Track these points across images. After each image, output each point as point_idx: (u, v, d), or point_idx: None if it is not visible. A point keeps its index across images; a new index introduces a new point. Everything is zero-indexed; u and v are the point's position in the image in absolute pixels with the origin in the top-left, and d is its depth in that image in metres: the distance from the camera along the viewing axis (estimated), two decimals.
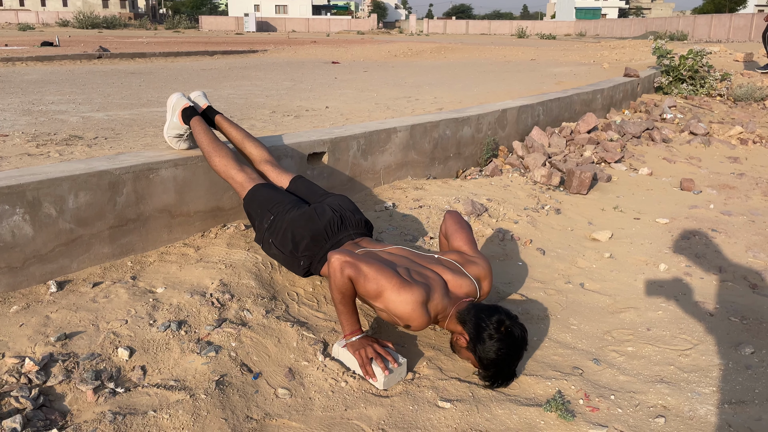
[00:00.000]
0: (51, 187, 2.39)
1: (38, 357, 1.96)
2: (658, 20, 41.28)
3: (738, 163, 5.71)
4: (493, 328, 2.07)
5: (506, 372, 2.11)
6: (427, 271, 2.27)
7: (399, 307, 2.09)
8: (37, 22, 56.84)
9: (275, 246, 2.55)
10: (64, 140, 3.69)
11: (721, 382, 2.21)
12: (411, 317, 2.10)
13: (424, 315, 2.11)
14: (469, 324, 2.12)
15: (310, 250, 2.48)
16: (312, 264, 2.51)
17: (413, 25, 58.07)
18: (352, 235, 2.53)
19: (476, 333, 2.09)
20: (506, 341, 2.06)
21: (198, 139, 2.86)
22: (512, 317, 2.13)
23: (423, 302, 2.10)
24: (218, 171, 2.79)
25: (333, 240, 2.49)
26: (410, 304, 2.08)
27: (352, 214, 2.59)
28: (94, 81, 7.66)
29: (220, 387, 1.96)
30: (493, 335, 2.06)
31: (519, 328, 2.10)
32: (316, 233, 2.47)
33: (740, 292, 2.98)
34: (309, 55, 15.89)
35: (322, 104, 5.75)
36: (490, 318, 2.09)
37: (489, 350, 2.06)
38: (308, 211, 2.54)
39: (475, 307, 2.18)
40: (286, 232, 2.51)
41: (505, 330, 2.07)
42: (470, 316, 2.14)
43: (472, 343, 2.11)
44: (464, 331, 2.14)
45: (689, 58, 9.17)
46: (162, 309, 2.29)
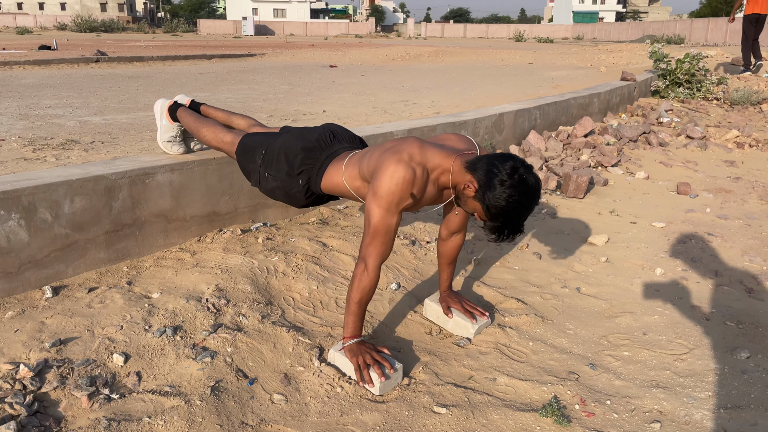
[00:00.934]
0: (46, 192, 2.38)
1: (33, 363, 1.95)
2: (656, 24, 41.39)
3: (734, 167, 5.72)
4: (506, 173, 1.92)
5: (515, 223, 1.99)
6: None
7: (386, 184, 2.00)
8: (35, 25, 56.80)
9: (272, 176, 2.44)
10: (61, 145, 3.69)
11: (717, 387, 2.21)
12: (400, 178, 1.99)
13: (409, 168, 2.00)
14: (480, 170, 1.97)
15: (305, 164, 2.37)
16: (311, 179, 2.38)
17: (411, 29, 58.16)
18: (347, 147, 2.44)
19: (487, 179, 1.94)
20: (519, 188, 1.92)
21: (185, 122, 2.88)
22: (527, 166, 1.97)
23: (397, 160, 2.00)
24: (209, 140, 2.75)
25: (328, 151, 2.39)
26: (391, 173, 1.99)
27: (344, 131, 2.54)
28: (92, 85, 7.66)
29: (215, 393, 1.95)
30: (506, 181, 1.91)
31: (533, 176, 1.96)
32: (308, 145, 2.38)
33: (736, 296, 2.98)
34: (307, 59, 15.90)
35: (320, 108, 5.75)
36: (503, 164, 1.94)
37: (499, 197, 1.92)
38: (296, 131, 2.49)
39: (486, 156, 2.02)
40: (279, 155, 2.41)
41: (519, 177, 1.92)
42: (481, 163, 1.98)
43: (481, 191, 1.96)
44: (474, 178, 1.99)
45: (686, 62, 9.19)
46: (157, 314, 2.28)
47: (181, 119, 2.92)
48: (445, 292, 2.60)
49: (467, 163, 2.04)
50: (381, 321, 2.55)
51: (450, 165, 2.07)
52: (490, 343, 2.46)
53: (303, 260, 2.86)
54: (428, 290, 2.84)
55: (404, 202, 2.03)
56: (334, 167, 2.32)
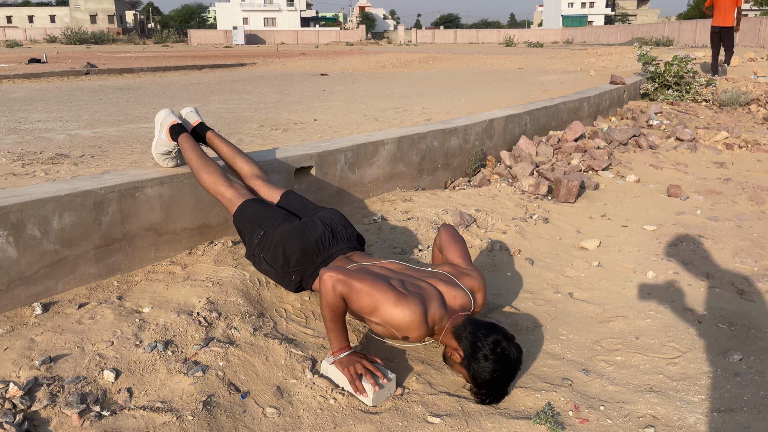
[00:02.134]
0: (35, 209, 2.37)
1: (23, 381, 1.94)
2: (644, 26, 41.68)
3: (724, 168, 5.75)
4: (489, 348, 2.04)
5: (498, 391, 2.10)
6: (422, 282, 2.26)
7: (397, 319, 2.08)
8: (25, 38, 56.70)
9: (266, 261, 2.53)
10: (50, 159, 3.67)
11: (710, 390, 2.21)
12: (410, 328, 2.09)
13: (423, 325, 2.10)
14: (465, 341, 2.10)
15: (301, 265, 2.46)
16: (303, 279, 2.49)
17: (402, 36, 58.37)
18: (344, 249, 2.51)
19: (472, 351, 2.07)
20: (501, 363, 2.04)
21: (186, 156, 2.85)
22: (509, 338, 2.10)
23: (421, 312, 2.10)
24: (207, 188, 2.77)
25: (324, 254, 2.47)
26: (408, 315, 2.07)
27: (344, 228, 2.57)
28: (82, 98, 7.64)
29: (207, 407, 1.94)
30: (489, 356, 2.03)
31: (515, 349, 2.08)
32: (307, 248, 2.46)
33: (728, 298, 2.99)
34: (298, 68, 15.92)
35: (311, 117, 5.76)
36: (486, 338, 2.06)
37: (483, 370, 2.04)
38: (299, 225, 2.52)
39: (472, 323, 2.14)
40: (277, 247, 2.49)
41: (502, 351, 2.04)
42: (466, 333, 2.11)
43: (466, 361, 2.09)
44: (459, 347, 2.12)
45: (674, 65, 9.25)
46: (148, 329, 2.27)
47: (183, 151, 2.87)
48: None
49: (454, 329, 2.16)
50: None
51: (446, 325, 2.20)
52: None
53: None
54: None
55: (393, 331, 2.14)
56: None
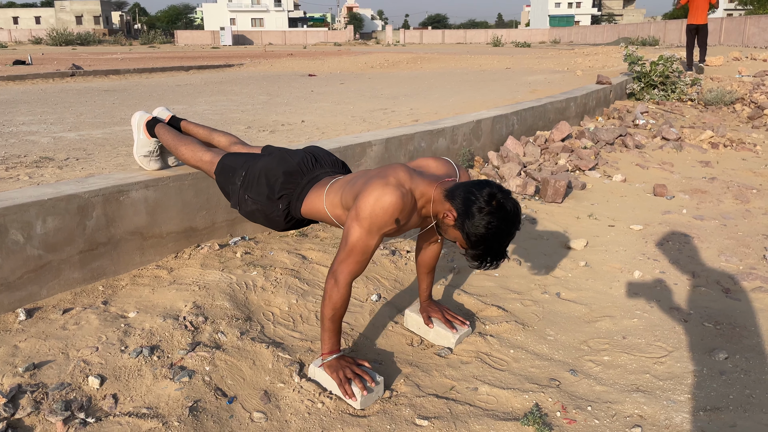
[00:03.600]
0: (17, 213, 2.34)
1: (6, 389, 1.91)
2: (630, 26, 41.95)
3: (709, 167, 5.80)
4: (484, 200, 1.92)
5: (496, 250, 1.99)
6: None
7: (371, 207, 1.96)
8: (10, 40, 56.11)
9: (251, 199, 2.39)
10: (35, 162, 3.64)
11: (696, 389, 2.22)
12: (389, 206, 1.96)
13: (398, 193, 1.97)
14: (458, 198, 1.97)
15: (286, 188, 2.33)
16: (291, 204, 2.35)
17: (390, 36, 58.38)
18: (329, 172, 2.41)
19: (465, 207, 1.95)
20: (497, 215, 1.92)
21: (163, 140, 2.82)
22: (504, 191, 1.98)
23: (385, 184, 1.98)
24: (187, 159, 2.69)
25: (309, 175, 2.37)
26: (377, 197, 1.96)
27: (327, 155, 2.50)
28: (67, 100, 7.57)
29: (193, 413, 1.92)
30: (483, 208, 1.91)
31: (511, 202, 1.96)
32: (289, 169, 2.35)
33: (713, 296, 3.02)
34: (285, 68, 15.88)
35: (298, 118, 5.74)
36: (480, 191, 1.94)
37: (478, 225, 1.92)
38: (278, 154, 2.44)
39: (463, 183, 2.03)
40: (260, 178, 2.37)
41: (497, 203, 1.93)
42: (459, 191, 1.99)
43: (460, 219, 1.96)
44: (452, 207, 1.99)
45: (660, 64, 9.32)
46: (134, 334, 2.25)
47: (159, 136, 2.87)
48: (425, 302, 2.60)
49: (446, 192, 2.03)
50: (361, 333, 2.54)
51: (432, 193, 2.07)
52: (471, 352, 2.46)
53: (282, 274, 2.84)
54: (409, 300, 2.83)
55: (387, 227, 2.01)
56: (315, 193, 2.28)
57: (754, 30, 24.87)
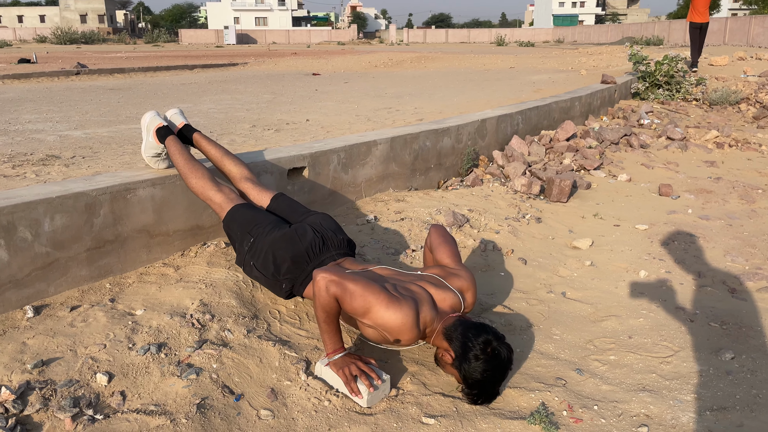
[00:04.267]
0: (26, 211, 2.35)
1: (15, 385, 1.92)
2: (635, 26, 41.85)
3: (715, 167, 5.79)
4: (480, 348, 2.05)
5: (490, 391, 2.11)
6: (412, 285, 2.27)
7: (389, 323, 2.08)
8: (15, 38, 56.27)
9: (256, 268, 2.51)
10: (41, 160, 3.64)
11: (703, 389, 2.22)
12: (402, 330, 2.09)
13: (415, 327, 2.10)
14: (456, 342, 2.11)
15: (291, 272, 2.45)
16: (294, 286, 2.48)
17: (393, 35, 58.36)
18: (335, 256, 2.50)
19: (462, 352, 2.08)
20: (492, 363, 2.05)
21: (174, 160, 2.83)
22: (499, 337, 2.11)
23: (413, 314, 2.10)
24: (196, 192, 2.75)
25: (315, 262, 2.46)
26: (400, 318, 2.07)
27: (334, 234, 2.56)
28: (72, 98, 7.59)
29: (201, 410, 1.93)
30: (479, 356, 2.04)
31: (505, 348, 2.09)
32: (297, 255, 2.44)
33: (719, 296, 3.01)
34: (289, 67, 15.88)
35: (303, 117, 5.74)
36: (477, 338, 2.08)
37: (474, 370, 2.05)
38: (289, 233, 2.51)
39: (462, 324, 2.16)
40: (267, 254, 2.47)
41: (492, 351, 2.05)
42: (457, 334, 2.12)
43: (457, 361, 2.09)
44: (450, 348, 2.13)
45: (665, 64, 9.30)
46: (141, 332, 2.26)
47: (170, 153, 2.85)
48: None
49: (445, 331, 2.17)
50: None
51: (437, 327, 2.20)
52: None
53: None
54: None
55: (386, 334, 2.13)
56: None
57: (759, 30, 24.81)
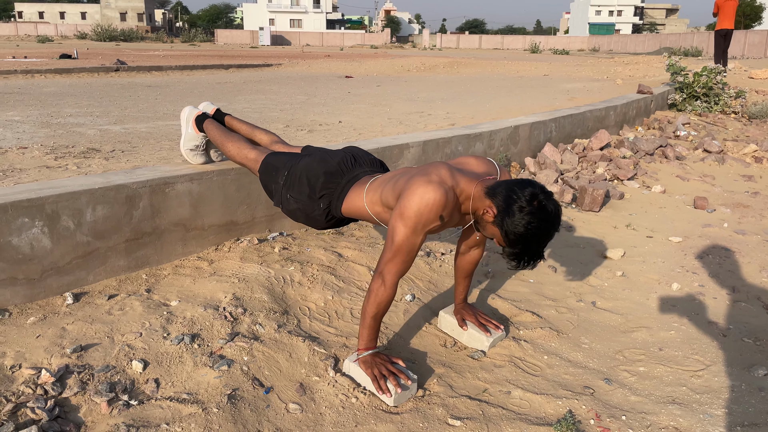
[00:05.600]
0: (69, 201, 2.43)
1: (54, 368, 1.99)
2: (672, 36, 41.20)
3: (752, 182, 5.67)
4: (525, 200, 1.92)
5: (534, 250, 1.99)
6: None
7: (415, 204, 1.97)
8: (56, 34, 57.75)
9: (293, 198, 2.44)
10: (82, 153, 3.75)
11: (734, 404, 2.19)
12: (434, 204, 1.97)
13: (445, 193, 1.98)
14: (500, 196, 1.97)
15: (327, 188, 2.37)
16: (332, 203, 2.38)
17: (426, 40, 58.38)
18: (368, 172, 2.44)
19: (506, 205, 1.94)
20: (538, 215, 1.92)
21: (211, 135, 2.91)
22: (546, 192, 1.97)
23: (428, 181, 1.99)
24: (233, 155, 2.77)
25: (349, 175, 2.39)
26: (421, 194, 1.97)
27: (365, 154, 2.54)
28: (112, 94, 7.77)
29: (231, 401, 1.97)
30: (524, 207, 1.91)
31: (552, 203, 1.96)
32: (330, 170, 2.39)
33: (754, 312, 2.96)
34: (323, 69, 16.01)
35: (336, 119, 5.80)
36: (522, 190, 1.94)
37: (518, 224, 1.92)
38: (319, 154, 2.48)
39: (506, 181, 2.03)
40: (301, 178, 2.42)
41: (538, 203, 1.92)
42: (501, 188, 1.98)
43: (500, 216, 1.96)
44: (493, 204, 1.99)
45: (703, 75, 9.14)
46: (176, 322, 2.31)
47: (207, 131, 2.96)
48: (460, 305, 2.61)
49: (487, 189, 2.04)
50: (395, 332, 2.56)
51: (472, 190, 2.08)
52: (504, 356, 2.46)
53: (319, 270, 2.89)
54: (443, 302, 2.85)
55: (431, 224, 2.02)
56: (356, 192, 2.32)
57: None
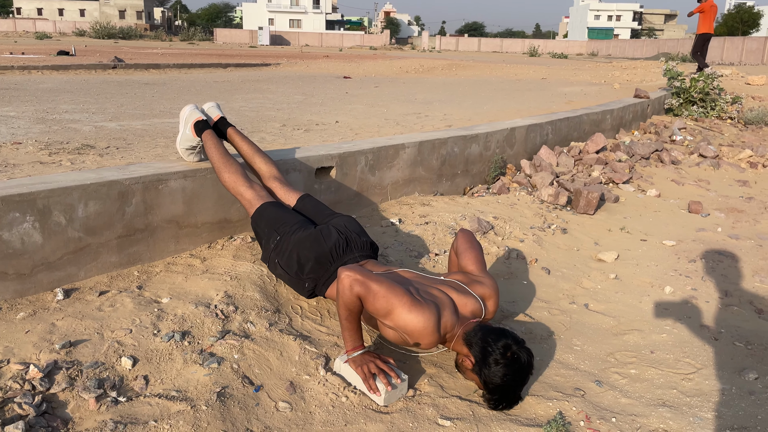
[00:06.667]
0: (61, 196, 2.42)
1: (42, 364, 1.98)
2: (671, 41, 41.34)
3: (747, 187, 5.69)
4: (500, 353, 2.05)
5: (511, 396, 2.10)
6: (434, 290, 2.27)
7: (410, 325, 2.08)
8: (54, 31, 57.67)
9: (281, 266, 2.55)
10: (77, 149, 3.73)
11: (724, 408, 2.19)
12: (423, 334, 2.09)
13: (436, 332, 2.11)
14: (476, 347, 2.11)
15: (315, 272, 2.48)
16: (317, 286, 2.51)
17: (426, 42, 58.46)
18: (357, 258, 2.52)
19: (482, 357, 2.08)
20: (512, 367, 2.05)
21: (209, 153, 2.88)
22: (519, 342, 2.11)
23: (435, 319, 2.10)
24: (227, 186, 2.80)
25: (338, 263, 2.48)
26: (422, 322, 2.08)
27: (358, 236, 2.59)
28: (108, 91, 7.76)
29: (221, 399, 1.97)
30: (499, 360, 2.05)
31: (526, 353, 2.09)
32: (321, 256, 2.47)
33: (746, 316, 2.96)
34: (321, 70, 16.01)
35: (333, 119, 5.79)
36: (496, 342, 2.08)
37: (494, 375, 2.06)
38: (314, 233, 2.54)
39: (482, 330, 2.16)
40: (292, 253, 2.51)
41: (512, 355, 2.05)
42: (477, 339, 2.12)
43: (477, 367, 2.10)
44: (470, 353, 2.13)
45: (700, 81, 9.17)
46: (166, 319, 2.30)
47: (206, 147, 2.91)
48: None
49: (465, 336, 2.18)
50: None
51: (457, 332, 2.21)
52: None
53: None
54: None
55: (406, 337, 2.12)
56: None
57: None
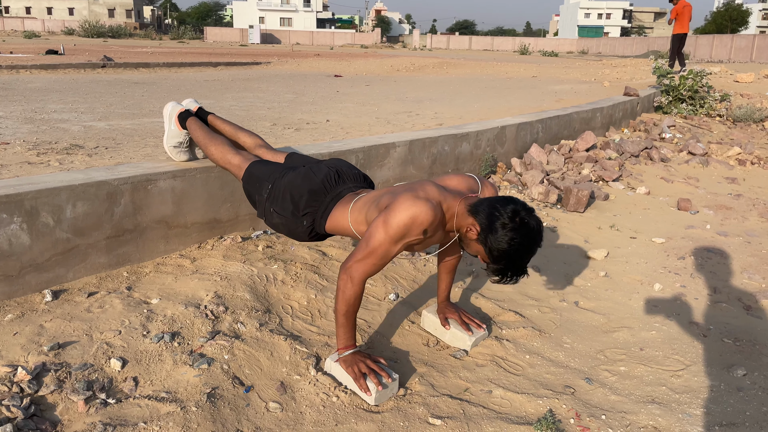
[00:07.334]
0: (49, 197, 2.40)
1: (31, 366, 1.96)
2: (661, 39, 41.51)
3: (735, 184, 5.73)
4: (507, 217, 1.96)
5: (517, 266, 2.03)
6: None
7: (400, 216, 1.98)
8: (43, 30, 57.22)
9: (276, 213, 2.45)
10: (65, 149, 3.71)
11: (713, 404, 2.21)
12: (421, 218, 1.98)
13: (432, 209, 2.00)
14: (482, 214, 2.01)
15: (310, 206, 2.38)
16: (315, 221, 2.39)
17: (417, 40, 58.46)
18: (352, 188, 2.43)
19: (489, 222, 1.98)
20: (520, 231, 1.96)
21: (194, 135, 2.88)
22: (528, 208, 2.01)
23: (424, 200, 2.01)
24: (216, 159, 2.76)
25: (332, 193, 2.39)
26: (408, 207, 1.98)
27: (349, 169, 2.52)
28: (97, 90, 7.71)
29: (211, 400, 1.96)
30: (507, 224, 1.95)
31: (534, 219, 2.00)
32: (313, 188, 2.38)
33: (734, 313, 2.99)
34: (312, 68, 15.98)
35: (323, 117, 5.78)
36: (504, 207, 1.98)
37: (501, 240, 1.96)
38: (303, 170, 2.47)
39: (487, 199, 2.07)
40: (285, 194, 2.42)
41: (520, 220, 1.96)
42: (484, 206, 2.03)
43: (483, 234, 2.00)
44: (476, 221, 2.03)
45: (689, 79, 9.22)
46: (156, 320, 2.29)
47: (191, 130, 2.92)
48: (442, 303, 2.61)
49: (470, 206, 2.07)
50: (378, 331, 2.56)
51: (457, 208, 2.10)
52: (486, 356, 2.46)
53: (302, 269, 2.87)
54: (426, 301, 2.85)
55: (412, 237, 2.03)
56: (340, 210, 2.31)
57: None
